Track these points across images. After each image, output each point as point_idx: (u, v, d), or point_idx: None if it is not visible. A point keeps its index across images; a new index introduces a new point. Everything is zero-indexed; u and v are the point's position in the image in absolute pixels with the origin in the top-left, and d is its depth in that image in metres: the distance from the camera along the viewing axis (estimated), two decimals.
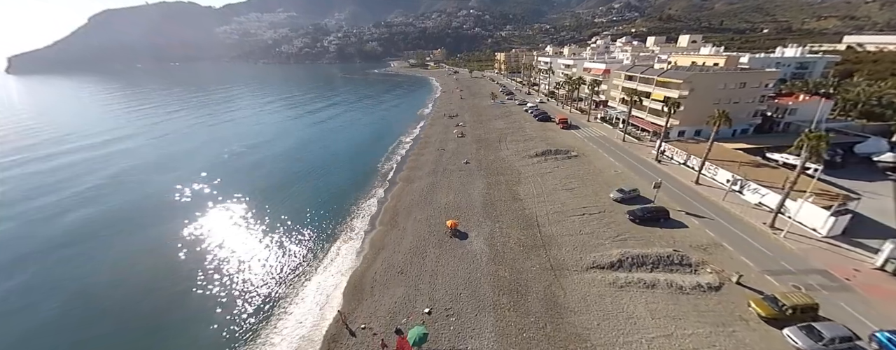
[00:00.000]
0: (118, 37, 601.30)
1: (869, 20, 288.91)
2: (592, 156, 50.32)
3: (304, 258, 31.13)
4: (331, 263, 30.30)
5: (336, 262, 30.23)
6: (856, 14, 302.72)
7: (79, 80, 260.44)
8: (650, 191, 36.95)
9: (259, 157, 61.05)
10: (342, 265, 29.76)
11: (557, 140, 59.07)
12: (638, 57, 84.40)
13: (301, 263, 30.32)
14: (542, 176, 44.21)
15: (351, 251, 31.63)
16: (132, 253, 32.72)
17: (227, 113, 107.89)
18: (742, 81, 51.83)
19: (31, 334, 24.10)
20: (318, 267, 29.78)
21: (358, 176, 50.31)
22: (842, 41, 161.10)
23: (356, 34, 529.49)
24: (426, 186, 43.79)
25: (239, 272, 29.63)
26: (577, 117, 74.54)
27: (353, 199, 42.57)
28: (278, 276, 28.68)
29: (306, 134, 77.89)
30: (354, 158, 59.10)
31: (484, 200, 38.47)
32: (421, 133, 74.21)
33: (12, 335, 23.98)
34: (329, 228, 35.76)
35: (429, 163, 53.16)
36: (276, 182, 49.15)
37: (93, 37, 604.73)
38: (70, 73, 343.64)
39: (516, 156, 52.75)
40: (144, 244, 34.22)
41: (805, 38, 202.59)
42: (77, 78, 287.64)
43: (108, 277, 29.36)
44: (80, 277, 29.62)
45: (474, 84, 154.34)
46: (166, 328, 23.92)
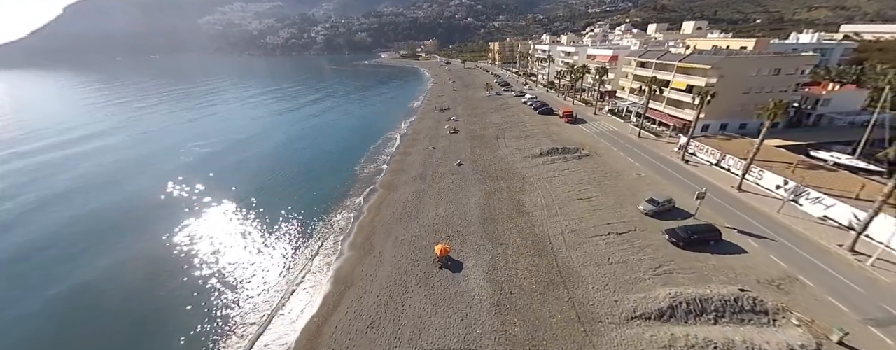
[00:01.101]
0: (96, 28, 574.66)
1: (859, 10, 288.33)
2: (606, 155, 43.07)
3: (252, 303, 23.33)
4: (281, 307, 22.60)
5: (288, 309, 22.50)
6: (845, 4, 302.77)
7: (54, 74, 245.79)
8: (687, 200, 29.89)
9: (229, 161, 52.06)
10: (295, 313, 22.07)
11: (563, 136, 51.66)
12: (647, 43, 76.92)
13: (247, 313, 22.48)
14: (551, 180, 36.84)
15: (309, 291, 23.88)
16: (97, 257, 29.27)
17: (204, 108, 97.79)
18: (777, 67, 44.81)
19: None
20: (267, 317, 22.01)
21: (334, 182, 42.28)
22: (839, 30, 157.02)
23: (345, 25, 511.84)
24: (411, 195, 36.08)
25: (161, 326, 21.79)
26: (582, 110, 67.14)
27: (322, 213, 34.69)
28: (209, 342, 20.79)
29: (285, 132, 68.86)
30: (333, 160, 50.86)
31: (482, 214, 30.98)
32: (409, 129, 66.14)
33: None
34: (288, 257, 27.93)
35: (416, 164, 45.39)
36: (241, 191, 40.69)
37: (69, 28, 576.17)
38: (45, 67, 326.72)
39: (517, 155, 45.25)
40: (109, 250, 30.13)
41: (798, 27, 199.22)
42: (53, 71, 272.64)
43: (82, 281, 26.43)
44: (56, 282, 26.48)
45: (467, 75, 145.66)
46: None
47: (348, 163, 48.86)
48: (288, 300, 23.21)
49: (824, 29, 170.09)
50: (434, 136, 58.39)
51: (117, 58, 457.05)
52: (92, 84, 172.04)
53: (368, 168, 46.93)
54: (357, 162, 49.21)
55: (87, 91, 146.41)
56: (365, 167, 47.31)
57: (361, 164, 48.63)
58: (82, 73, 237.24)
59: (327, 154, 53.86)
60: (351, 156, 51.69)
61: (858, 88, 52.59)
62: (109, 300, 24.17)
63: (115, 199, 40.34)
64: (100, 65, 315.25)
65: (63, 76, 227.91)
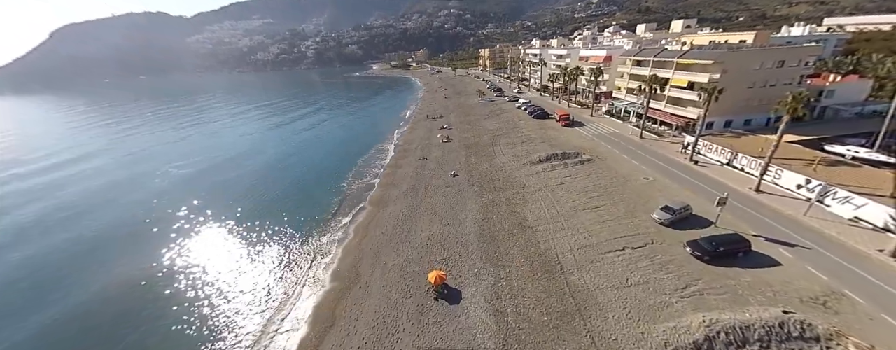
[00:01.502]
0: (83, 51, 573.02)
1: (838, 4, 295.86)
2: (610, 158, 40.56)
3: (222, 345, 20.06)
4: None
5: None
6: (826, 0, 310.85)
7: (39, 99, 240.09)
8: (704, 206, 27.26)
9: (213, 182, 48.39)
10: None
11: (561, 140, 49.25)
12: (640, 42, 75.66)
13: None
14: (553, 189, 34.12)
15: (286, 335, 20.59)
16: (79, 284, 27.34)
17: (191, 127, 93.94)
18: (781, 59, 43.02)
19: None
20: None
21: (321, 201, 39.17)
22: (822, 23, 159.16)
23: (335, 38, 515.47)
24: (403, 212, 33.13)
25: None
26: (578, 112, 65.02)
27: (306, 236, 31.56)
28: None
29: (274, 148, 65.32)
30: (322, 177, 47.69)
31: (480, 231, 28.06)
32: (400, 139, 63.52)
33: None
34: (265, 293, 24.65)
35: (408, 177, 42.56)
36: (223, 215, 37.31)
37: (56, 53, 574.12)
38: (31, 92, 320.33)
39: (515, 163, 42.63)
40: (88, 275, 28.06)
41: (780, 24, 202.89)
42: (38, 96, 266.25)
43: (66, 307, 24.77)
44: (41, 308, 24.79)
45: (459, 82, 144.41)
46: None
47: (337, 179, 45.89)
48: (260, 340, 19.96)
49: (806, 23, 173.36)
50: (426, 145, 55.77)
51: (104, 80, 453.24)
52: (78, 107, 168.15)
53: (358, 183, 43.98)
54: (346, 177, 46.27)
55: (72, 114, 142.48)
56: (354, 182, 44.36)
57: (351, 179, 45.68)
58: (68, 96, 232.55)
59: (316, 170, 50.81)
60: (340, 171, 48.75)
61: (861, 78, 51.05)
62: (80, 327, 22.59)
63: (96, 225, 37.19)
64: (86, 88, 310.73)
65: (48, 100, 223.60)
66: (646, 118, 47.05)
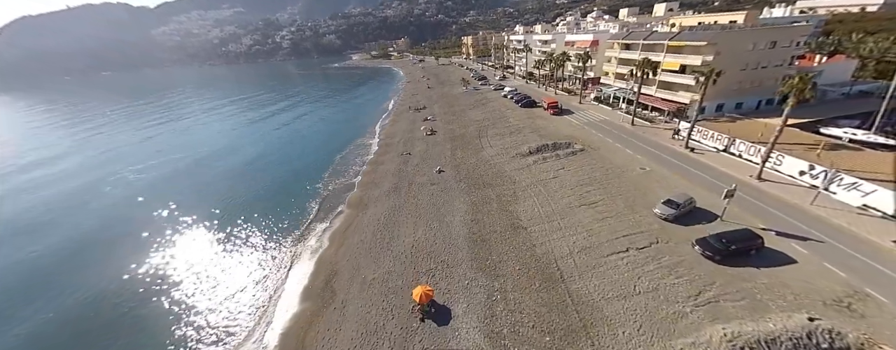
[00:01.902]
0: (40, 46, 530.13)
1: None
2: (603, 148, 38.45)
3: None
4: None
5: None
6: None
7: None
8: (706, 197, 25.46)
9: (180, 187, 43.70)
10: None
11: (551, 129, 46.87)
12: (627, 26, 73.50)
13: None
14: (546, 184, 31.75)
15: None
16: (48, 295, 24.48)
17: (159, 125, 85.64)
18: (773, 40, 41.51)
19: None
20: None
21: (295, 205, 35.59)
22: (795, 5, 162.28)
23: (311, 28, 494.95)
24: (384, 215, 30.14)
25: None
26: (566, 99, 62.70)
27: (277, 247, 28.27)
28: None
29: (247, 147, 59.78)
30: (298, 177, 43.68)
31: (470, 234, 25.46)
32: (382, 133, 59.84)
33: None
34: (226, 315, 21.45)
35: (390, 175, 39.38)
36: (187, 225, 33.41)
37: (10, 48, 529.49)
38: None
39: (504, 155, 40.02)
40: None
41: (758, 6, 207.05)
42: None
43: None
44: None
45: (442, 71, 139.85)
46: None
47: (314, 179, 42.20)
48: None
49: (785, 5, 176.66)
50: (409, 139, 52.42)
51: (65, 77, 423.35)
52: (37, 106, 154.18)
53: (336, 183, 40.49)
54: (324, 177, 42.63)
55: (31, 114, 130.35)
56: (332, 182, 40.83)
57: (329, 179, 42.09)
58: (25, 95, 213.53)
59: (292, 170, 46.65)
60: (318, 170, 44.98)
61: (847, 59, 50.52)
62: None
63: (53, 232, 33.16)
64: (45, 86, 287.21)
65: (2, 100, 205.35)
66: (637, 104, 45.04)
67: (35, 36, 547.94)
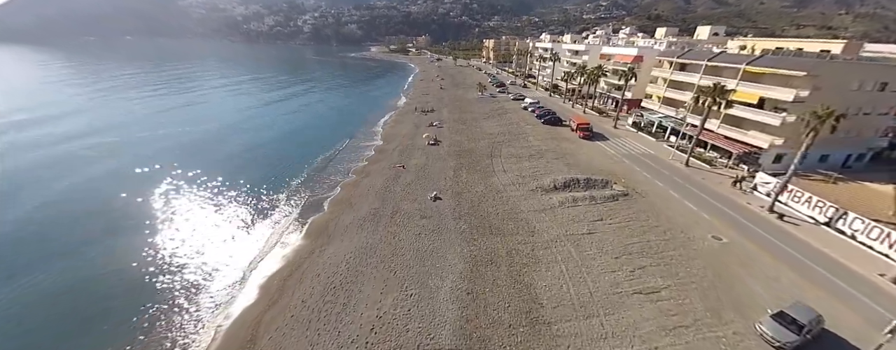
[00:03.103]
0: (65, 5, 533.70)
1: (845, 30, 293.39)
2: (653, 194, 29.31)
3: None
4: None
5: None
6: (831, 24, 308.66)
7: (19, 53, 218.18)
8: (829, 307, 16.34)
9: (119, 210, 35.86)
10: None
11: (581, 158, 37.82)
12: (681, 43, 64.30)
13: None
14: (578, 242, 22.72)
15: None
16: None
17: (157, 97, 79.00)
18: (884, 80, 32.18)
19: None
20: None
21: (244, 227, 26.95)
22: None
23: (334, 15, 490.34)
24: (347, 261, 21.32)
25: None
26: (596, 121, 53.50)
27: (205, 300, 19.52)
28: None
29: (231, 138, 49.79)
30: (268, 181, 34.69)
31: (460, 322, 16.46)
32: (380, 135, 51.24)
33: None
34: None
35: (372, 194, 30.61)
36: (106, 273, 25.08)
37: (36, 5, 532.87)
38: (10, 45, 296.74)
39: (520, 186, 31.04)
40: None
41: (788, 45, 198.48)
42: (17, 50, 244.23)
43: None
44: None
45: (458, 73, 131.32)
46: None
47: (283, 186, 33.63)
48: None
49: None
50: (408, 147, 43.67)
51: (89, 38, 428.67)
52: (53, 63, 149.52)
53: (305, 196, 31.79)
54: (295, 185, 34.03)
55: (51, 70, 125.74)
56: (302, 194, 32.15)
57: (300, 188, 33.43)
58: (48, 52, 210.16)
59: (265, 171, 37.49)
60: (294, 174, 36.40)
61: None
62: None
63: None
64: (69, 45, 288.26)
65: (24, 54, 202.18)
66: (696, 140, 35.70)
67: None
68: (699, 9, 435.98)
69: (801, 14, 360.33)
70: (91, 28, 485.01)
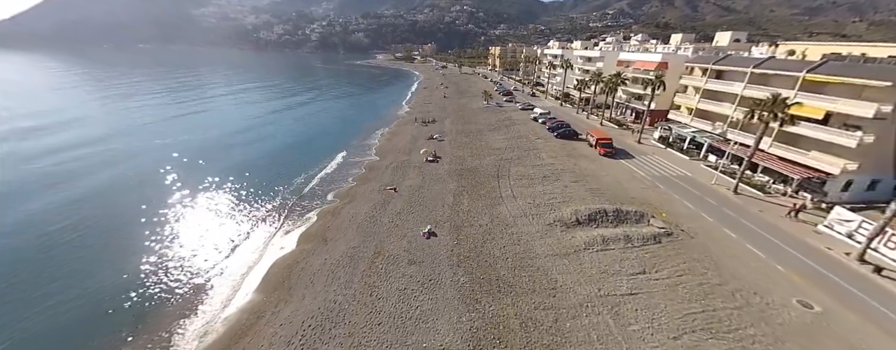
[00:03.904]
0: (83, 13, 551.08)
1: (859, 40, 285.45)
2: (705, 235, 23.21)
3: None
4: None
5: None
6: (845, 32, 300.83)
7: (38, 58, 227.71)
8: None
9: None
10: None
11: (606, 181, 31.96)
12: (704, 48, 58.56)
13: None
14: (617, 309, 16.77)
15: None
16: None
17: (161, 100, 75.95)
18: None
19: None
20: None
21: (199, 275, 21.67)
22: None
23: (342, 24, 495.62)
24: (305, 336, 15.73)
25: None
26: (616, 135, 47.41)
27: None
28: None
29: (215, 155, 44.57)
30: (249, 204, 29.99)
31: None
32: (373, 149, 46.20)
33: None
34: None
35: (354, 227, 25.16)
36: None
37: (55, 12, 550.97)
38: (30, 50, 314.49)
39: (534, 218, 25.27)
40: None
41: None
42: (37, 55, 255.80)
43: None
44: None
45: (463, 81, 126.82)
46: None
47: (251, 216, 28.49)
48: None
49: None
50: (404, 164, 38.32)
51: (104, 45, 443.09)
52: (71, 70, 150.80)
53: (271, 229, 26.51)
54: (262, 216, 28.76)
55: (67, 76, 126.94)
56: (267, 228, 26.86)
57: (266, 218, 28.21)
58: (64, 59, 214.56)
59: (243, 193, 32.73)
60: (264, 202, 31.18)
61: None
62: None
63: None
64: (85, 52, 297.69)
65: (49, 60, 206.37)
66: (748, 163, 29.61)
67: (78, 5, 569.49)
68: (707, 17, 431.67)
69: (813, 22, 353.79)
70: (107, 35, 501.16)
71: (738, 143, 29.92)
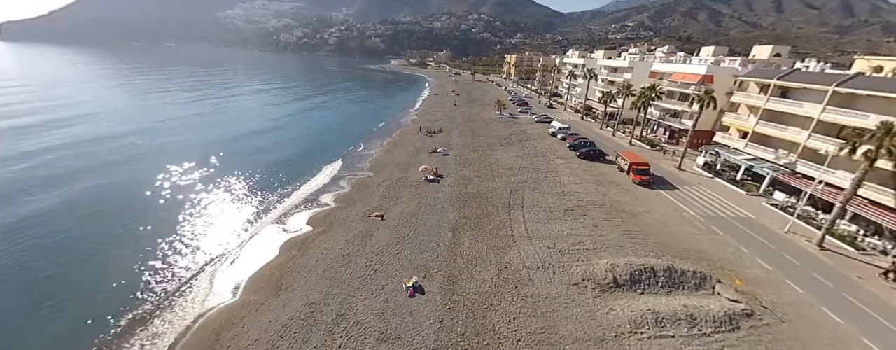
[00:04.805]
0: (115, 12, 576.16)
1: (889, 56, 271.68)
2: (798, 317, 16.44)
3: None
4: None
5: None
6: (879, 52, 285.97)
7: (71, 52, 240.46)
8: None
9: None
10: None
11: (647, 222, 25.39)
12: (753, 62, 51.49)
13: None
14: None
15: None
16: None
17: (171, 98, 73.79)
18: None
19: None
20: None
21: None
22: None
23: (359, 29, 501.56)
24: None
25: None
26: (650, 157, 40.78)
27: None
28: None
29: (194, 172, 41.54)
30: (208, 233, 25.12)
31: None
32: (369, 162, 40.60)
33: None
34: None
35: (317, 273, 19.44)
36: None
37: (88, 10, 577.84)
38: (64, 45, 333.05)
39: (557, 274, 18.97)
40: None
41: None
42: (71, 50, 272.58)
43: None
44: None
45: (476, 88, 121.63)
46: None
47: (198, 250, 23.21)
48: None
49: None
50: (399, 183, 32.65)
51: (134, 43, 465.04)
52: (107, 65, 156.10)
53: (211, 271, 21.01)
54: (217, 249, 23.41)
55: (102, 70, 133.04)
56: (211, 271, 21.38)
57: (222, 254, 22.79)
58: (98, 53, 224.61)
59: (197, 229, 27.88)
60: (226, 227, 26.04)
61: None
62: None
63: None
64: (116, 49, 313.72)
65: (81, 54, 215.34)
66: (841, 210, 22.57)
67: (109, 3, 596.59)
68: (732, 31, 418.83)
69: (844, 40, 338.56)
70: (139, 33, 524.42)
71: (854, 189, 22.70)
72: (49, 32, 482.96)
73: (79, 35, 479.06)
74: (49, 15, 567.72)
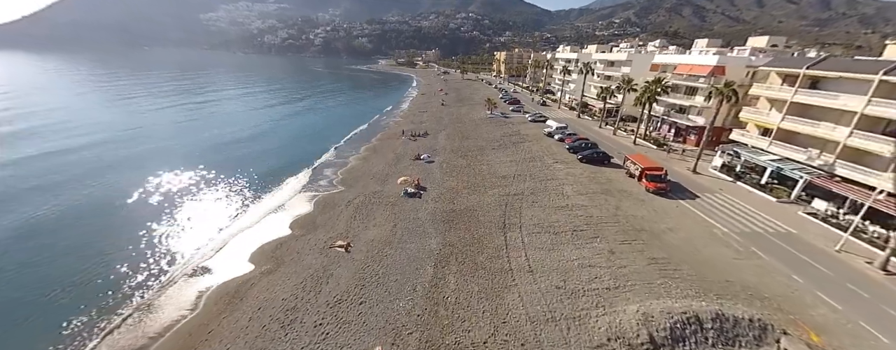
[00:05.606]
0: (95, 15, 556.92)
1: (871, 51, 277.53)
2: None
3: None
4: None
5: None
6: (859, 44, 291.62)
7: (46, 58, 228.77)
8: None
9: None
10: None
11: (673, 243, 20.75)
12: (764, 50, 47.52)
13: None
14: None
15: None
16: None
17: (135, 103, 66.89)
18: None
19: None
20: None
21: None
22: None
23: (346, 29, 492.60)
24: None
25: None
26: (655, 157, 36.45)
27: None
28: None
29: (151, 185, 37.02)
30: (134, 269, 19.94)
31: None
32: (342, 172, 35.38)
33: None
34: None
35: (252, 336, 14.22)
36: None
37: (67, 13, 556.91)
38: (39, 51, 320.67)
39: (570, 330, 14.11)
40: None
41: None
42: (52, 55, 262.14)
43: None
44: None
45: (465, 87, 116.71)
46: None
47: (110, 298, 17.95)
48: None
49: None
50: (372, 200, 27.53)
51: (114, 45, 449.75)
52: (81, 70, 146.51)
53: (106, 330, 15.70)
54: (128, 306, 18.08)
55: (76, 76, 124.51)
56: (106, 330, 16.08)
57: (139, 307, 17.49)
58: (78, 61, 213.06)
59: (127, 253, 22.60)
60: (159, 263, 20.85)
61: None
62: None
63: None
64: (97, 52, 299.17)
65: (56, 61, 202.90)
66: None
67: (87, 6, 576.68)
68: (715, 26, 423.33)
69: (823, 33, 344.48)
70: (120, 36, 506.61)
71: (885, 191, 18.45)
72: (22, 39, 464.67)
73: (58, 39, 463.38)
74: (20, 20, 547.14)
